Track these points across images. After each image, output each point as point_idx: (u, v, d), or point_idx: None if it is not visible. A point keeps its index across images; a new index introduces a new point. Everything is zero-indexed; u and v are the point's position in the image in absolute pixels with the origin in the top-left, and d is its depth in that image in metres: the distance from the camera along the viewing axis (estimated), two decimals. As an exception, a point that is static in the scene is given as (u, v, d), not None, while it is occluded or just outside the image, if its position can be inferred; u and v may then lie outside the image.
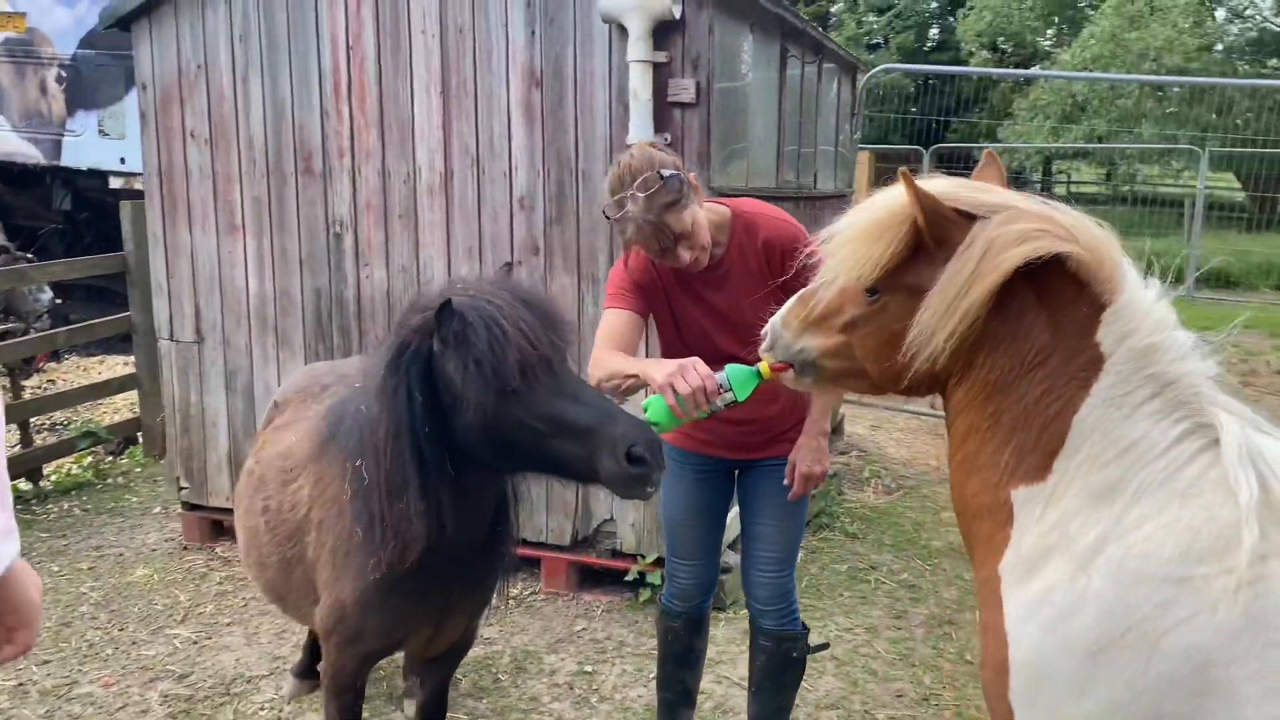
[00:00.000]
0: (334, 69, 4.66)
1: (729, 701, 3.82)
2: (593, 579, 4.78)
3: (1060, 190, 28.52)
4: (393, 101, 4.59)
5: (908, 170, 1.83)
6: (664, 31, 4.08)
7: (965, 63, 26.33)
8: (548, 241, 4.44)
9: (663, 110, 4.14)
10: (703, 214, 2.67)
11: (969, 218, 1.84)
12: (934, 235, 1.85)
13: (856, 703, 3.83)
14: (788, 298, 2.75)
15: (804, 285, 2.74)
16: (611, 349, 2.63)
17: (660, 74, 4.12)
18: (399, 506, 2.44)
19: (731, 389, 2.33)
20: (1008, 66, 26.65)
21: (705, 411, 2.34)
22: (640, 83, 4.08)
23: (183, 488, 5.37)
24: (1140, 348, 1.76)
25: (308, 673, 3.94)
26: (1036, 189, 27.10)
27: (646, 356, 3.08)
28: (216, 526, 5.42)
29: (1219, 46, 23.22)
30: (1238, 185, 23.52)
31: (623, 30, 4.11)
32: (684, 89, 4.12)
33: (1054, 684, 1.73)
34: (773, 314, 2.20)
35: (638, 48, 4.05)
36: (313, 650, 3.94)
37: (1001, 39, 27.51)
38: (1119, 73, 19.64)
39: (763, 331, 2.19)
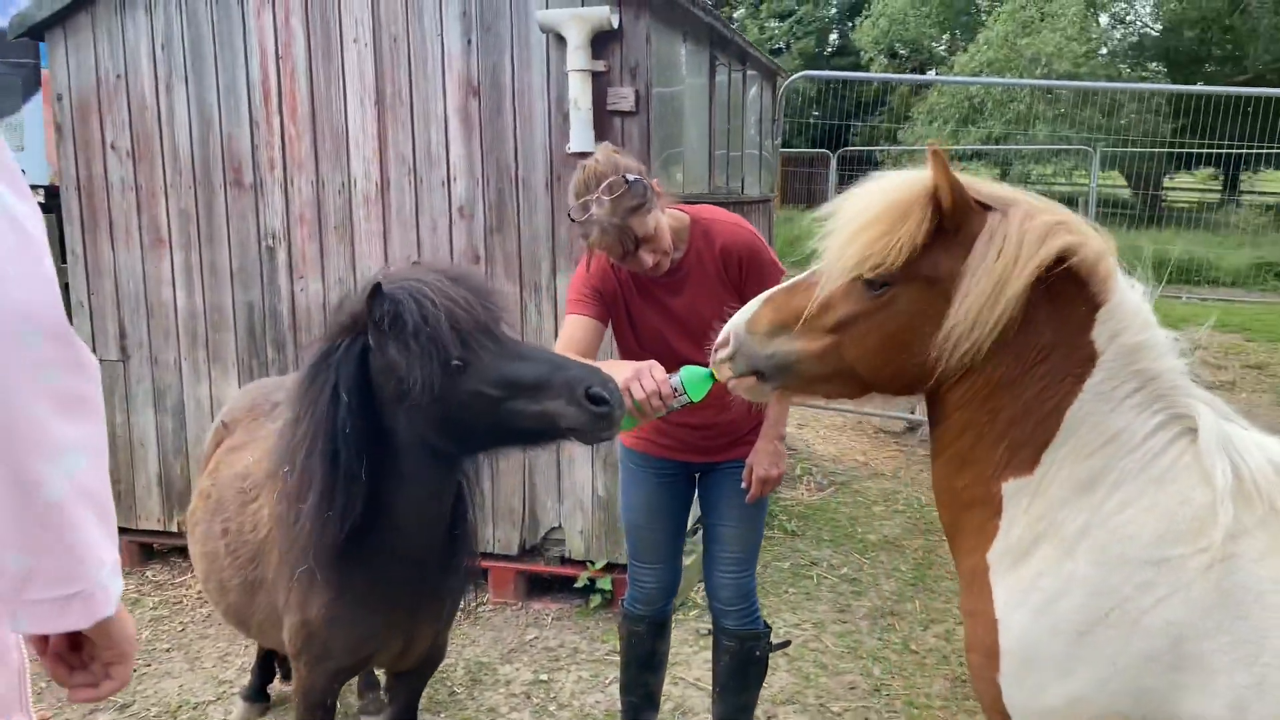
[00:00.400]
0: (263, 79, 4.58)
1: (687, 702, 3.86)
2: (541, 587, 4.78)
3: (958, 190, 29.39)
4: (325, 111, 4.53)
5: (938, 148, 1.79)
6: (602, 41, 4.12)
7: (866, 68, 26.98)
8: (489, 250, 4.43)
9: (602, 118, 4.17)
10: (665, 218, 2.70)
11: (984, 208, 1.84)
12: (957, 222, 1.82)
13: (811, 696, 3.91)
14: (743, 303, 2.83)
15: (760, 290, 2.84)
16: (570, 354, 2.62)
17: (599, 82, 4.15)
18: (302, 508, 2.43)
19: (686, 392, 2.34)
20: (905, 72, 27.41)
21: (662, 412, 2.37)
22: (580, 91, 4.10)
23: (109, 511, 5.18)
24: (1130, 345, 1.82)
25: (258, 695, 3.86)
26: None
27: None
28: (147, 550, 5.26)
29: (1103, 51, 24.25)
30: (1124, 183, 24.62)
31: (560, 40, 4.13)
32: (623, 97, 4.16)
33: (1042, 664, 1.81)
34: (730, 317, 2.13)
35: (577, 57, 4.07)
36: (263, 672, 3.87)
37: (899, 44, 28.26)
38: (1012, 77, 20.37)
39: (720, 338, 2.08)
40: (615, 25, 4.07)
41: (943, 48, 28.45)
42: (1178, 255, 16.32)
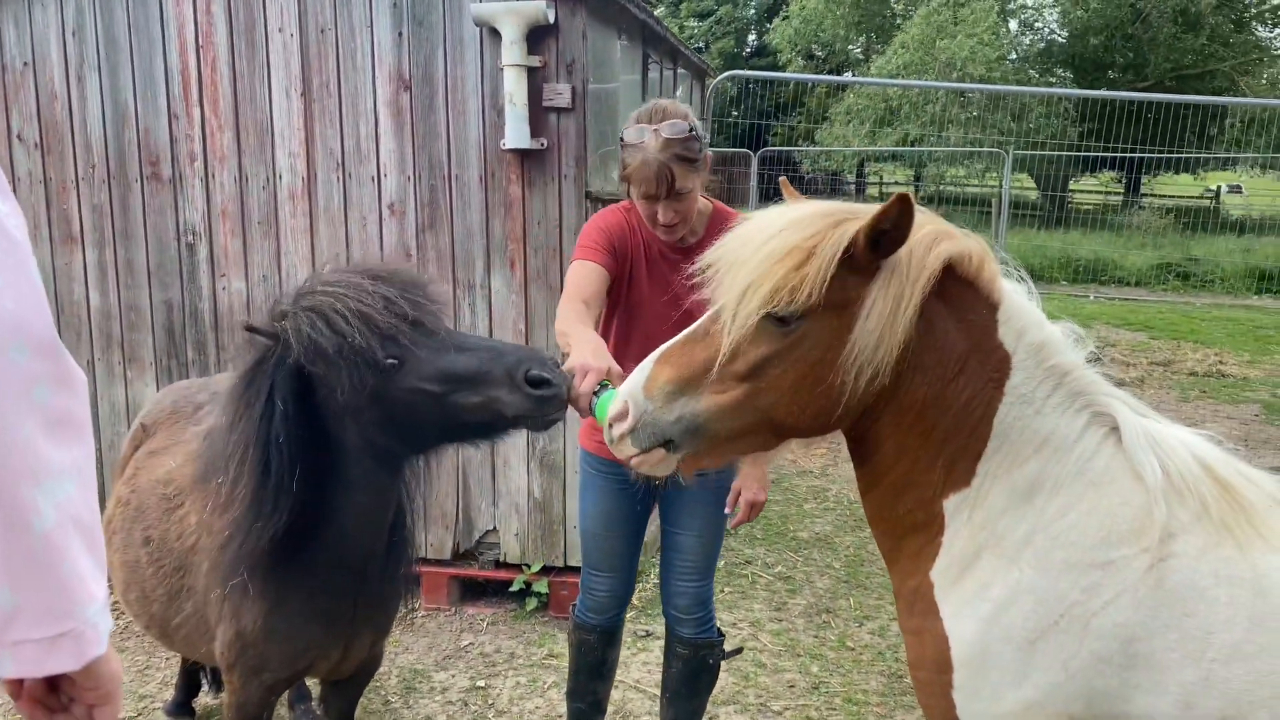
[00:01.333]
0: (182, 68, 4.40)
1: (628, 705, 3.83)
2: (475, 592, 4.69)
3: (873, 191, 29.99)
4: (249, 103, 4.37)
5: (908, 195, 1.72)
6: (537, 36, 4.05)
7: (783, 69, 27.29)
8: (421, 248, 4.33)
9: (538, 114, 4.11)
10: (699, 195, 2.70)
11: None
12: (882, 256, 1.77)
13: (751, 696, 3.91)
14: None
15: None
16: (576, 300, 2.55)
17: (535, 78, 4.08)
18: (231, 519, 2.37)
19: (593, 411, 2.11)
20: (822, 73, 27.80)
21: (586, 414, 2.19)
22: (515, 87, 4.03)
23: (16, 520, 4.94)
24: (1036, 343, 1.83)
25: (182, 710, 3.72)
26: (851, 190, 28.42)
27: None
28: (57, 560, 5.01)
29: (1013, 56, 24.94)
30: (1033, 186, 25.36)
31: (495, 34, 4.06)
32: (560, 93, 4.10)
33: (996, 674, 1.81)
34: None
35: (512, 51, 4.00)
36: (187, 685, 3.73)
37: (815, 46, 28.65)
38: (928, 80, 20.80)
39: (614, 410, 1.88)
40: (551, 20, 4.01)
41: (859, 50, 28.93)
42: (1085, 256, 16.87)
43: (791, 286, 1.73)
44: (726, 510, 2.95)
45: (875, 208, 1.76)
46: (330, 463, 2.36)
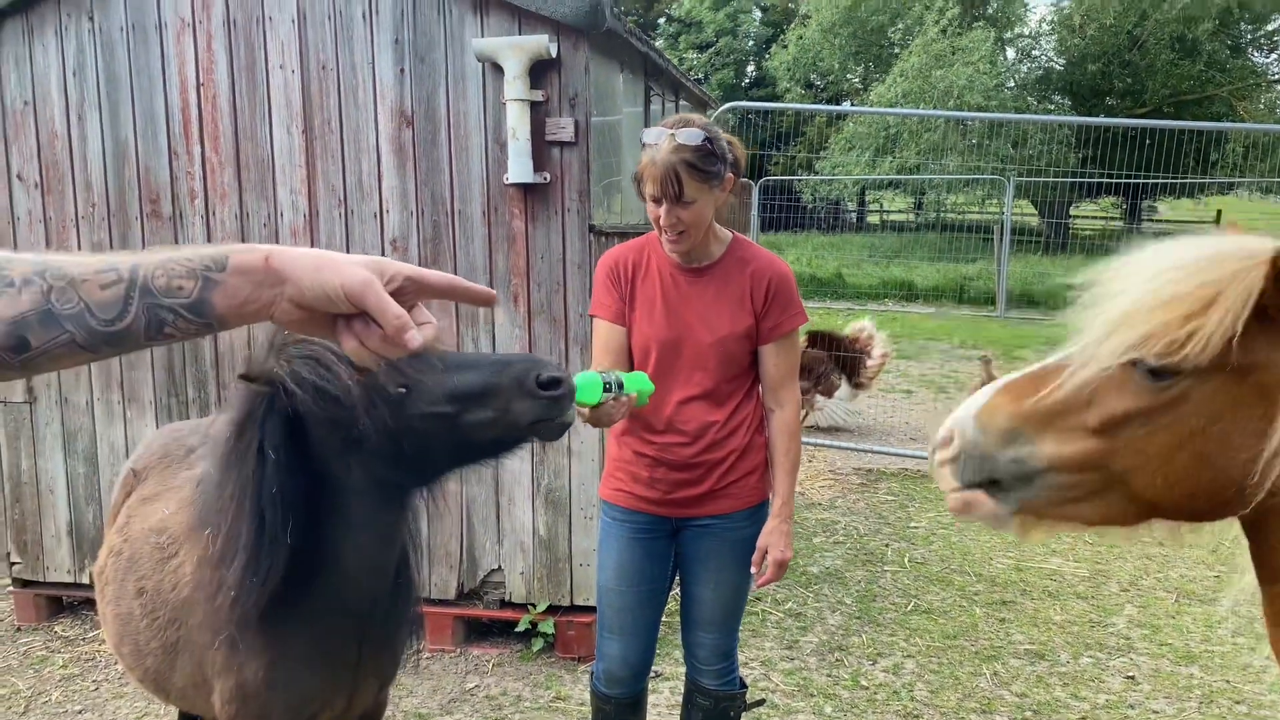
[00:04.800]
0: (183, 106, 4.38)
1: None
2: (480, 633, 4.61)
3: (874, 219, 30.04)
4: (249, 140, 4.35)
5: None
6: (540, 70, 4.03)
7: (782, 99, 27.43)
8: (423, 284, 4.28)
9: (541, 148, 4.08)
10: (710, 215, 2.68)
11: None
12: None
13: (764, 739, 3.82)
14: (762, 328, 2.74)
15: (782, 324, 2.77)
16: (603, 360, 2.74)
17: (537, 112, 4.06)
18: (225, 574, 2.29)
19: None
20: (821, 102, 27.93)
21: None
22: (518, 121, 4.00)
23: (14, 563, 4.87)
24: None
25: (181, 760, 3.62)
26: (853, 218, 28.48)
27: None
28: (55, 603, 4.94)
29: (1011, 84, 25.06)
30: (1034, 212, 25.39)
31: (497, 69, 4.03)
32: (563, 127, 4.07)
33: None
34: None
35: (515, 86, 3.97)
36: (187, 735, 3.63)
37: (814, 75, 28.82)
38: (926, 108, 20.88)
39: (940, 433, 1.63)
40: (554, 54, 3.99)
41: (857, 80, 29.09)
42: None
43: (1173, 338, 1.40)
44: (753, 570, 2.85)
45: None
46: (330, 506, 2.30)
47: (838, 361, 8.15)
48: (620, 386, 2.29)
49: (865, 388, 8.47)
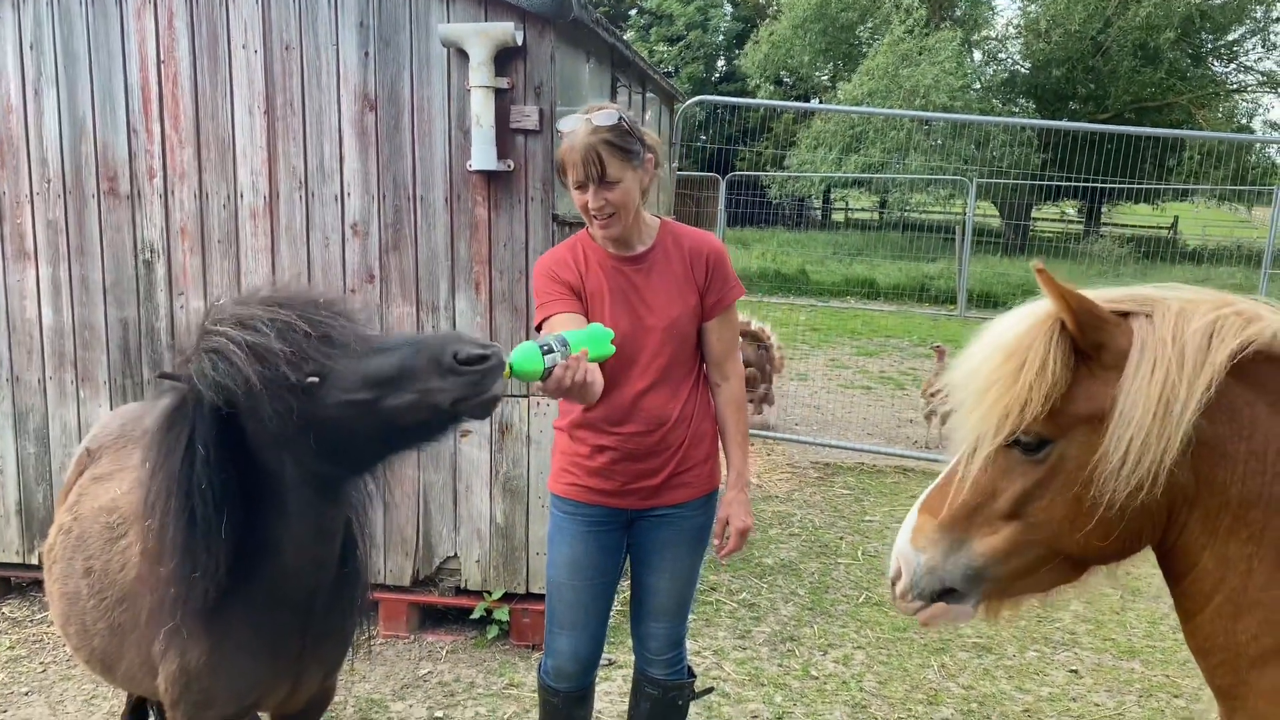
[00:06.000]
0: (142, 84, 4.32)
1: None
2: (435, 619, 4.61)
3: (839, 216, 30.21)
4: (210, 120, 4.30)
5: (1042, 267, 1.55)
6: (506, 58, 4.02)
7: (752, 94, 27.52)
8: (384, 269, 4.27)
9: (505, 137, 4.08)
10: (637, 196, 2.67)
11: (1121, 315, 1.60)
12: (1091, 342, 1.57)
13: (714, 727, 3.86)
14: (706, 304, 2.77)
15: (724, 297, 2.80)
16: None
17: (502, 100, 4.05)
18: (164, 571, 2.29)
19: (510, 366, 2.09)
20: (790, 99, 28.05)
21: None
22: (482, 108, 4.00)
23: (-39, 543, 4.80)
24: None
25: (129, 743, 3.60)
26: (817, 215, 28.64)
27: None
28: (3, 584, 4.88)
29: (976, 86, 25.30)
30: (995, 213, 25.68)
31: (462, 55, 4.03)
32: (527, 115, 4.07)
33: None
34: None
35: (480, 73, 3.97)
36: (134, 717, 3.61)
37: (784, 72, 28.93)
38: (892, 108, 21.03)
39: (891, 572, 1.77)
40: (520, 42, 3.99)
41: (826, 77, 29.23)
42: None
43: (1013, 409, 1.56)
44: (715, 541, 2.89)
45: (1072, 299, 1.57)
46: (266, 497, 2.28)
47: (759, 362, 8.23)
48: (565, 344, 2.20)
49: (779, 372, 8.66)
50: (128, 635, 2.72)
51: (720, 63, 33.29)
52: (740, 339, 7.80)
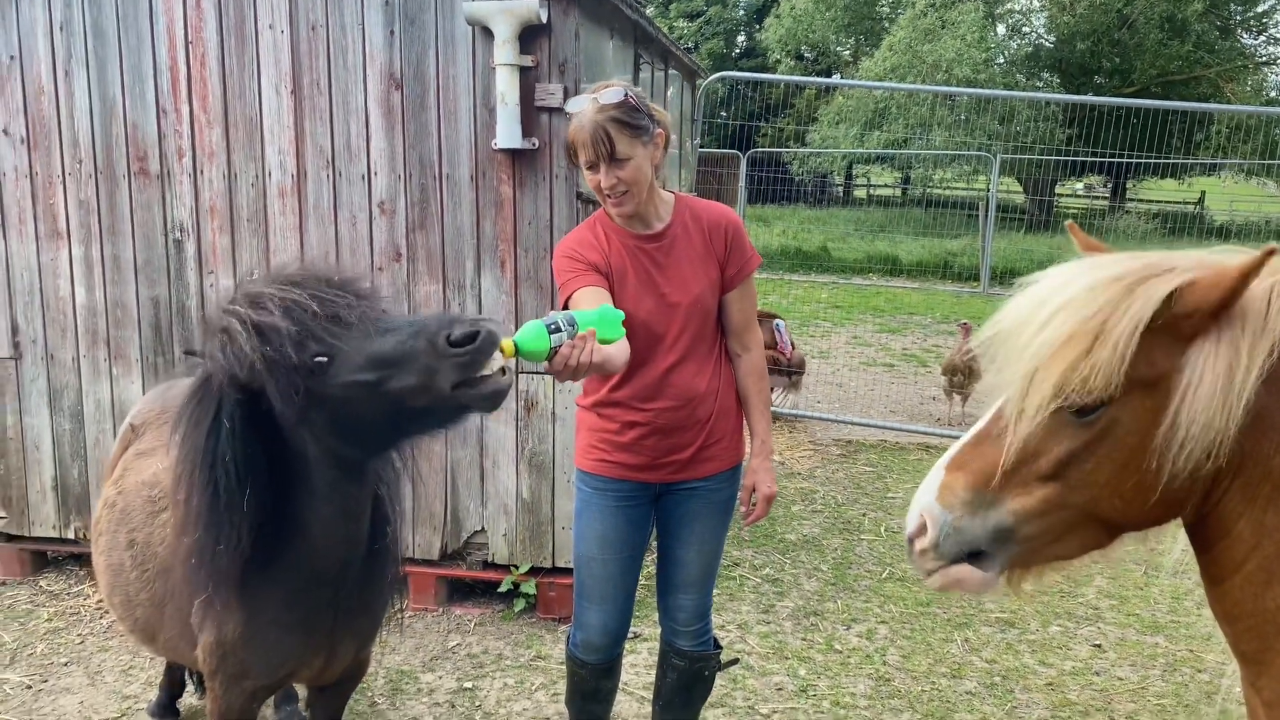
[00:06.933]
0: (171, 64, 4.36)
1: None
2: (463, 593, 4.68)
3: (861, 193, 30.05)
4: (238, 100, 4.34)
5: (1272, 248, 1.46)
6: (530, 35, 4.03)
7: (773, 70, 27.33)
8: (410, 247, 4.31)
9: (530, 114, 4.10)
10: (649, 173, 2.66)
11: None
12: (1211, 311, 1.51)
13: (739, 699, 3.91)
14: (726, 276, 2.79)
15: (743, 268, 2.81)
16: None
17: (527, 78, 4.07)
18: (190, 543, 2.34)
19: (516, 346, 2.07)
20: (810, 74, 27.85)
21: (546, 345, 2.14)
22: (507, 86, 4.02)
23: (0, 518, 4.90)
24: None
25: (166, 711, 3.69)
26: (839, 192, 28.49)
27: None
28: (40, 558, 4.98)
29: (1000, 60, 25.03)
30: (1019, 189, 25.47)
31: (487, 33, 4.04)
32: (552, 93, 4.08)
33: None
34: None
35: (505, 51, 3.98)
36: (171, 686, 3.70)
37: (805, 47, 28.71)
38: (914, 83, 20.85)
39: (911, 527, 1.71)
40: (544, 20, 3.99)
41: (848, 52, 29.00)
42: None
43: (1082, 377, 1.50)
44: (742, 508, 2.93)
45: (1202, 260, 1.54)
46: (294, 475, 2.32)
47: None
48: (573, 324, 2.14)
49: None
50: (168, 606, 2.79)
51: (741, 38, 33.06)
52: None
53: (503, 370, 2.05)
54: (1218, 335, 1.50)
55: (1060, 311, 1.54)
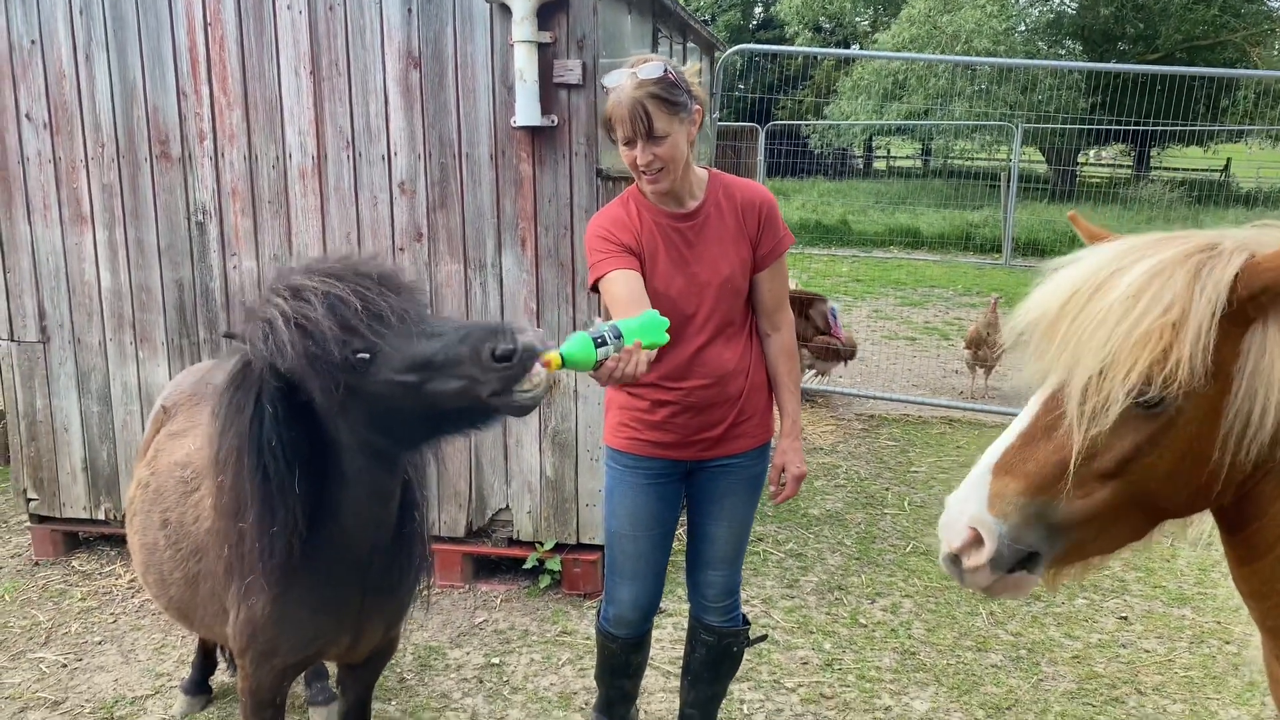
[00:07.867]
0: (190, 47, 4.37)
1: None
2: (489, 569, 4.71)
3: (881, 165, 29.82)
4: (257, 81, 4.34)
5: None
6: (548, 11, 4.01)
7: (790, 42, 27.09)
8: (431, 227, 4.31)
9: (548, 91, 4.08)
10: (685, 150, 2.64)
11: None
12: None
13: (764, 673, 3.93)
14: (758, 255, 2.77)
15: (776, 248, 2.79)
16: (633, 309, 2.46)
17: (545, 54, 4.05)
18: (243, 527, 2.36)
19: (562, 357, 2.11)
20: (829, 46, 27.60)
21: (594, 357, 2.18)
22: (526, 63, 4.00)
23: (31, 499, 4.96)
24: None
25: (199, 688, 3.74)
26: (859, 164, 28.27)
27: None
28: (72, 539, 5.05)
29: (1021, 28, 24.69)
30: (1041, 159, 25.20)
31: (504, 10, 4.02)
32: (570, 70, 4.07)
33: None
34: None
35: (523, 27, 3.96)
36: (204, 663, 3.75)
37: (823, 18, 28.42)
38: (935, 53, 20.62)
39: (960, 541, 1.58)
40: (562, -4, 3.97)
41: (866, 23, 28.70)
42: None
43: (1165, 375, 1.44)
44: (771, 487, 2.94)
45: (1245, 237, 1.50)
46: (326, 460, 2.35)
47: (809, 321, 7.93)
48: (619, 336, 2.18)
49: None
50: (201, 584, 2.83)
51: (758, 9, 32.77)
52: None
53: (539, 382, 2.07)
54: (1278, 316, 1.46)
55: (1132, 300, 1.47)
